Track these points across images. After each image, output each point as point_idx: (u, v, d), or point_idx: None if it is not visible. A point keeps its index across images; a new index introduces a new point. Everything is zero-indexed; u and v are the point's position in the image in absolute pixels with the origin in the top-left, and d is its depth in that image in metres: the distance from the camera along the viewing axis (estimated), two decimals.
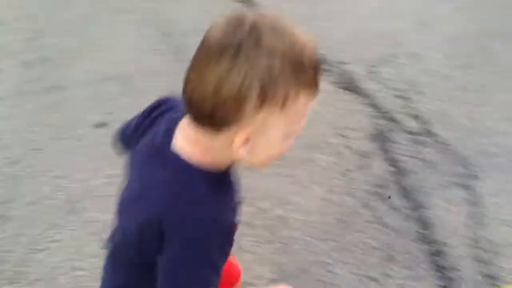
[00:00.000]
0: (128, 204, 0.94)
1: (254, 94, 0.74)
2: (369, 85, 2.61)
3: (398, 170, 2.10)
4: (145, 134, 0.95)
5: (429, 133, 2.30)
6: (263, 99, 0.74)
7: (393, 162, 2.14)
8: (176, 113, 0.90)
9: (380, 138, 2.27)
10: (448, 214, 1.90)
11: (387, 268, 1.70)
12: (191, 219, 0.82)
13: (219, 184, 0.86)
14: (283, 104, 0.76)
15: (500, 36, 3.05)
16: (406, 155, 2.17)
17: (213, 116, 0.77)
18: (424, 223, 1.87)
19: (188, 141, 0.85)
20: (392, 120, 2.38)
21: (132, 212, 0.91)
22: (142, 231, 0.87)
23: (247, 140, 0.79)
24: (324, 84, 2.49)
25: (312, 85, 0.79)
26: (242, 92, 0.73)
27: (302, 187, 2.02)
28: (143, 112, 0.98)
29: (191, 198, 0.83)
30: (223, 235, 0.85)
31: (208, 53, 0.75)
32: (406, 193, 1.99)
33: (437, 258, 1.74)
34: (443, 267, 1.71)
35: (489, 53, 2.89)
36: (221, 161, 0.86)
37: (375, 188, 2.01)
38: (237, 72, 0.73)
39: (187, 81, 0.79)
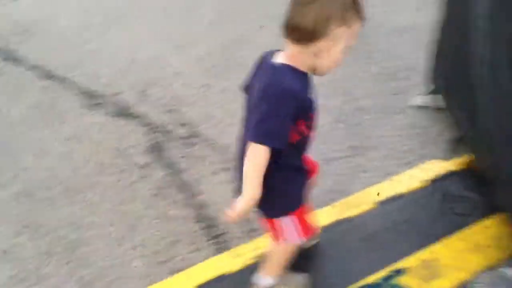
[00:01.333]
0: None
1: (338, 16, 1.26)
2: (142, 108, 2.97)
3: (175, 171, 2.48)
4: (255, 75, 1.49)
5: (197, 134, 2.73)
6: (342, 20, 1.27)
7: (170, 165, 2.52)
8: (272, 53, 1.42)
9: (157, 149, 2.64)
10: (218, 194, 2.33)
11: (173, 251, 2.06)
12: (274, 86, 1.32)
13: (299, 76, 1.36)
14: (350, 26, 1.29)
15: (247, 42, 3.65)
16: (180, 157, 2.57)
17: (312, 33, 1.28)
18: (200, 206, 2.27)
19: (284, 56, 1.37)
20: (165, 131, 2.77)
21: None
22: None
23: (327, 50, 1.31)
24: (101, 116, 2.79)
25: (362, 15, 1.32)
26: (331, 16, 1.26)
27: (95, 207, 2.29)
28: (253, 66, 1.51)
29: (278, 77, 1.33)
30: (282, 98, 1.31)
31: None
32: (183, 187, 2.38)
33: (213, 229, 2.15)
34: (217, 235, 2.12)
35: (239, 58, 3.45)
36: (306, 66, 1.36)
37: (158, 191, 2.37)
38: (327, 6, 1.26)
39: (291, 17, 1.30)
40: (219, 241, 2.10)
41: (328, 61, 1.35)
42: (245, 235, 2.11)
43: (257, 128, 1.33)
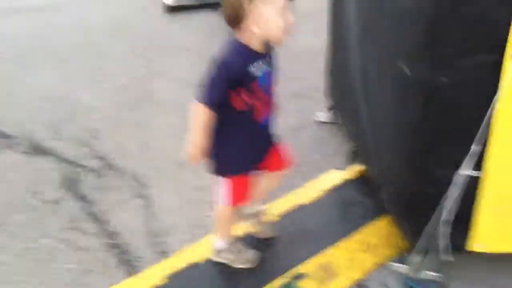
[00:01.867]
0: None
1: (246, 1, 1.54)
2: (55, 144, 3.01)
3: (87, 203, 2.53)
4: None
5: (109, 166, 2.79)
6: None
7: (82, 198, 2.56)
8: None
9: (69, 183, 2.67)
10: (129, 220, 2.39)
11: (86, 281, 2.10)
12: (215, 57, 1.63)
13: (242, 51, 1.63)
14: None
15: (159, 75, 3.77)
16: (92, 189, 2.62)
17: (236, 18, 1.58)
18: (112, 235, 2.32)
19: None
20: (78, 165, 2.81)
21: None
22: None
23: (255, 24, 1.57)
24: (14, 155, 2.79)
25: None
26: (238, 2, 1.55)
27: (5, 247, 2.29)
28: None
29: (221, 51, 1.64)
30: (218, 68, 1.61)
31: None
32: (95, 218, 2.43)
33: (124, 256, 2.21)
34: (129, 260, 2.18)
35: (151, 92, 3.55)
36: (257, 42, 1.63)
37: (70, 224, 2.40)
38: None
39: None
40: (131, 266, 2.16)
41: (271, 29, 1.60)
42: (155, 258, 2.18)
43: (199, 89, 1.67)
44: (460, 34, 1.48)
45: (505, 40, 1.44)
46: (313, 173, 2.61)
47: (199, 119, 1.69)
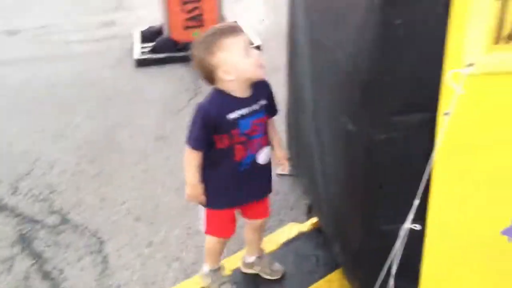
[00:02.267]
0: None
1: (207, 54, 1.70)
2: (12, 200, 2.96)
3: (41, 260, 2.47)
4: None
5: (65, 222, 2.75)
6: (212, 54, 1.69)
7: (36, 255, 2.51)
8: None
9: (24, 240, 2.62)
10: (83, 278, 2.34)
11: None
12: (197, 104, 1.78)
13: (221, 99, 1.76)
14: (222, 49, 1.68)
15: (125, 128, 3.78)
16: (47, 246, 2.57)
17: (207, 76, 1.76)
18: None
19: None
20: (34, 221, 2.76)
21: None
22: None
23: (226, 73, 1.69)
24: None
25: (223, 35, 1.70)
26: (203, 58, 1.71)
27: None
28: None
29: (204, 98, 1.80)
30: (197, 114, 1.75)
31: None
32: (48, 276, 2.37)
33: None
34: None
35: (116, 144, 3.55)
36: (235, 87, 1.74)
37: (22, 282, 2.34)
38: (197, 55, 1.74)
39: None
40: None
41: (243, 70, 1.72)
42: None
43: (187, 133, 1.81)
44: (395, 93, 1.54)
45: (437, 99, 1.50)
46: (270, 227, 2.60)
47: (187, 159, 1.83)
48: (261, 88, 1.83)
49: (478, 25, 1.40)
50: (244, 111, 1.78)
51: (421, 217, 1.67)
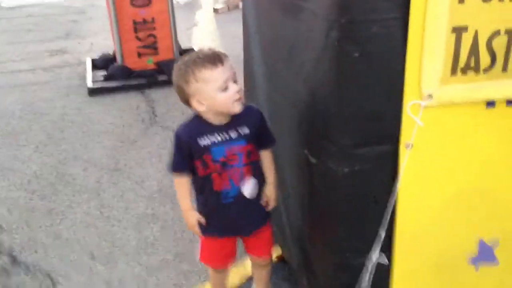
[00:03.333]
0: None
1: (183, 82, 1.67)
2: None
3: None
4: None
5: (17, 262, 2.60)
6: (187, 82, 1.66)
7: None
8: None
9: None
10: None
11: None
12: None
13: (196, 124, 1.75)
14: (198, 79, 1.65)
15: (77, 160, 3.65)
16: None
17: (185, 101, 1.73)
18: None
19: None
20: None
21: None
22: None
23: (199, 103, 1.68)
24: None
25: (207, 65, 1.64)
26: (180, 86, 1.69)
27: None
28: None
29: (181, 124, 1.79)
30: (174, 139, 1.77)
31: None
32: None
33: None
34: None
35: (68, 178, 3.42)
36: (210, 115, 1.72)
37: None
38: (175, 82, 1.72)
39: None
40: None
41: (216, 104, 1.68)
42: None
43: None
44: (356, 126, 1.54)
45: (398, 131, 1.51)
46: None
47: (175, 186, 1.85)
48: (245, 116, 1.76)
49: (435, 57, 1.43)
50: (217, 138, 1.74)
51: (389, 246, 1.67)
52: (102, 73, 5.23)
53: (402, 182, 1.56)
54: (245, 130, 1.76)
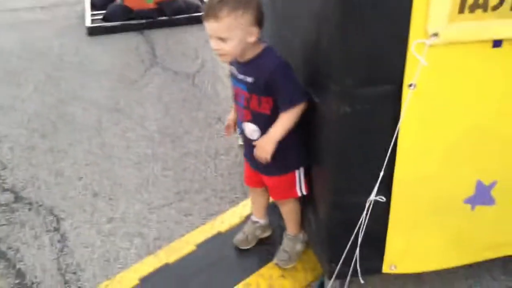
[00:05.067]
0: None
1: None
2: None
3: None
4: None
5: (19, 199, 2.64)
6: None
7: None
8: None
9: None
10: (40, 257, 2.26)
11: None
12: None
13: None
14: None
15: (77, 100, 3.64)
16: (2, 224, 2.46)
17: None
18: (19, 274, 2.19)
19: None
20: None
21: None
22: None
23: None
24: None
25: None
26: None
27: None
28: None
29: None
30: (289, 68, 1.77)
31: None
32: (2, 256, 2.28)
33: None
34: None
35: (69, 117, 3.42)
36: None
37: None
38: None
39: None
40: None
41: None
42: None
43: (292, 92, 1.77)
44: (359, 66, 1.51)
45: (402, 71, 1.50)
46: (233, 200, 2.59)
47: (298, 116, 1.80)
48: (255, 66, 1.74)
49: None
50: (234, 70, 1.81)
51: (386, 188, 1.69)
52: (101, 12, 5.12)
53: (403, 123, 1.55)
54: (248, 78, 1.75)
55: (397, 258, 1.83)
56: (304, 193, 1.96)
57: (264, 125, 1.79)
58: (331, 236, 1.86)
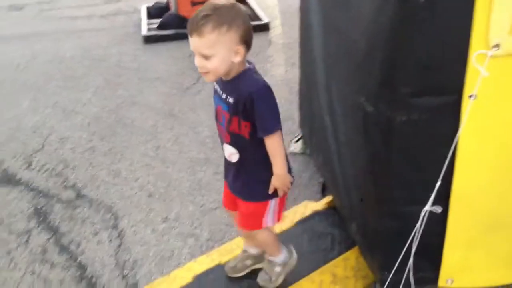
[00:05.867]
0: None
1: None
2: (26, 174, 2.99)
3: (57, 234, 2.51)
4: None
5: (80, 197, 2.78)
6: None
7: (52, 229, 2.55)
8: None
9: (39, 214, 2.65)
10: (99, 252, 2.38)
11: None
12: None
13: None
14: None
15: (134, 105, 3.79)
16: (62, 220, 2.60)
17: None
18: (80, 267, 2.30)
19: None
20: (49, 196, 2.79)
21: None
22: None
23: None
24: None
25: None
26: None
27: None
28: None
29: None
30: (271, 93, 1.64)
31: None
32: (64, 249, 2.41)
33: None
34: None
35: (126, 121, 3.57)
36: None
37: (38, 256, 2.38)
38: None
39: None
40: None
41: None
42: None
43: (270, 119, 1.68)
44: (416, 75, 1.54)
45: (462, 81, 1.51)
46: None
47: (281, 145, 1.73)
48: (237, 88, 1.63)
49: (504, 5, 1.40)
50: (218, 87, 1.71)
51: (441, 199, 1.69)
52: (156, 21, 5.30)
53: (462, 134, 1.56)
54: (229, 99, 1.65)
55: (455, 272, 1.82)
56: (273, 224, 1.88)
57: (243, 148, 1.71)
58: (384, 244, 1.88)
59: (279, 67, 4.22)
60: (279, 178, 1.73)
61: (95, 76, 4.33)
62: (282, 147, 1.70)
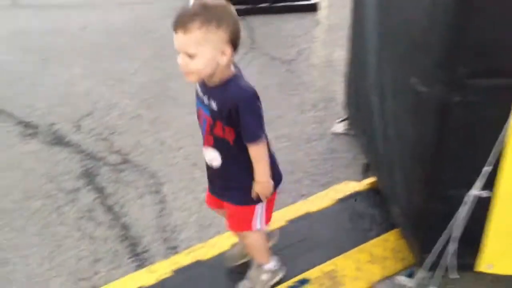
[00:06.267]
0: None
1: None
2: (76, 137, 3.10)
3: (103, 195, 2.60)
4: None
5: (126, 161, 2.87)
6: None
7: (98, 190, 2.64)
8: None
9: (87, 175, 2.75)
10: (142, 215, 2.46)
11: (93, 269, 2.16)
12: None
13: None
14: None
15: (180, 77, 3.84)
16: (109, 182, 2.69)
17: None
18: (124, 227, 2.39)
19: None
20: (97, 159, 2.89)
21: None
22: None
23: None
24: (35, 145, 2.88)
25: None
26: None
27: (19, 230, 2.37)
28: None
29: None
30: (257, 100, 1.58)
31: None
32: (109, 209, 2.50)
33: (134, 248, 2.27)
34: (138, 253, 2.24)
35: (171, 93, 3.63)
36: None
37: (84, 214, 2.48)
38: None
39: None
40: (140, 258, 2.22)
41: None
42: (164, 253, 2.23)
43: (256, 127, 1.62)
44: (474, 56, 1.52)
45: None
46: (324, 183, 2.64)
47: (265, 153, 1.68)
48: (222, 95, 1.55)
49: None
50: (200, 90, 1.65)
51: (488, 184, 1.67)
52: None
53: None
54: (212, 105, 1.58)
55: (495, 257, 1.80)
56: (262, 228, 1.83)
57: (226, 153, 1.66)
58: (428, 226, 1.87)
59: (325, 47, 4.19)
60: (260, 184, 1.68)
61: (144, 48, 4.41)
62: (266, 154, 1.65)
